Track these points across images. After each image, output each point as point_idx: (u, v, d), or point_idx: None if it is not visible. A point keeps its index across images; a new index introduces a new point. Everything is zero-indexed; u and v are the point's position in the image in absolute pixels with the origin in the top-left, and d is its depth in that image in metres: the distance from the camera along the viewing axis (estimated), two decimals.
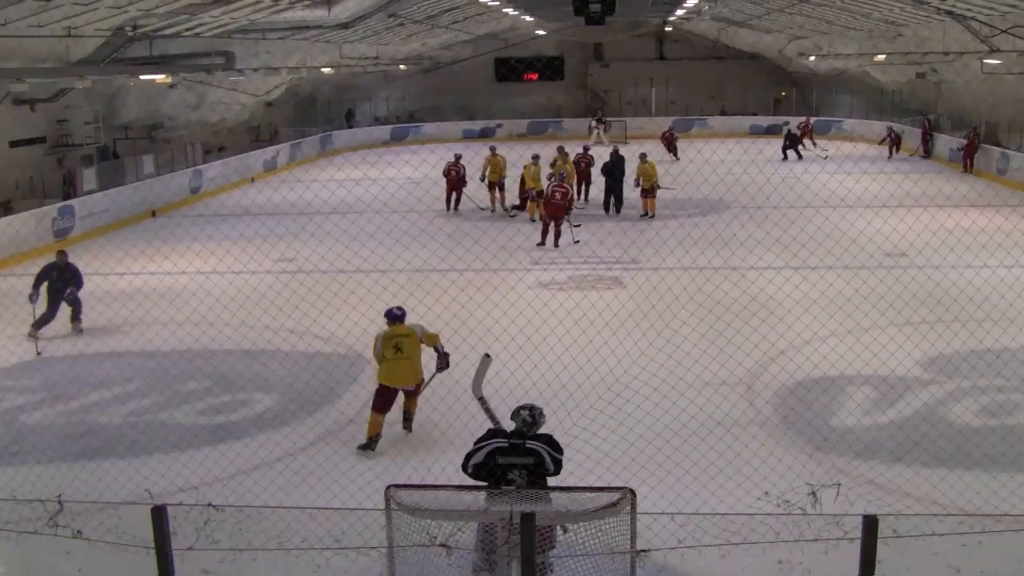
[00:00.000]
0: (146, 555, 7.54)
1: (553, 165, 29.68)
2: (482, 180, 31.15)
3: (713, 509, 9.84)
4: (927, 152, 43.37)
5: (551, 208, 25.34)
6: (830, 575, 9.04)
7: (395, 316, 13.23)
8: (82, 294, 19.27)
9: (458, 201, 31.34)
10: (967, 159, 38.35)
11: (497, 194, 31.21)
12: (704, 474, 11.10)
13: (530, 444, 8.53)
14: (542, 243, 25.49)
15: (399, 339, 12.97)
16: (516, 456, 8.47)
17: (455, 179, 31.26)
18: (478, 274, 21.58)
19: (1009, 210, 28.99)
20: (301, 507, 9.48)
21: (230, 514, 8.46)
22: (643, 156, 29.43)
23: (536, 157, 29.85)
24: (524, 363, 13.24)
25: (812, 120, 48.27)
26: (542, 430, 8.78)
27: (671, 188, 29.34)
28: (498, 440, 8.60)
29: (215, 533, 8.53)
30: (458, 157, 31.79)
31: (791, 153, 43.81)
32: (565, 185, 26.10)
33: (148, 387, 15.79)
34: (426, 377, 13.32)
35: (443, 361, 13.22)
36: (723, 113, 56.80)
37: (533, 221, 28.43)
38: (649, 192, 29.19)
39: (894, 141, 44.33)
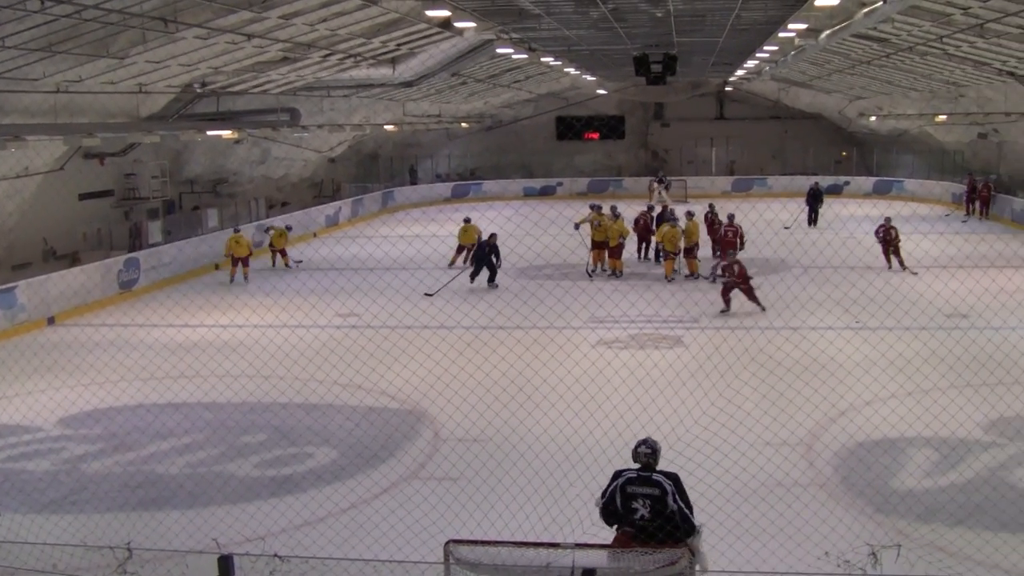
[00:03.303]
0: None
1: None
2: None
3: (773, 569, 9.84)
4: (969, 211, 42.83)
5: (724, 244, 28.60)
6: None
7: (595, 206, 28.81)
8: (148, 342, 19.53)
9: (647, 249, 32.23)
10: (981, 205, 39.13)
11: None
12: (764, 534, 11.08)
13: (656, 476, 8.86)
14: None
15: (599, 220, 27.83)
16: (641, 486, 8.81)
17: (642, 228, 32.23)
18: (543, 332, 21.64)
19: None
20: (365, 559, 9.57)
21: (295, 565, 8.57)
22: (690, 214, 29.59)
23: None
24: (587, 421, 13.34)
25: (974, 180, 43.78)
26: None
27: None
28: (628, 472, 8.96)
29: None
30: (650, 208, 34.48)
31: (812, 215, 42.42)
32: (735, 225, 29.11)
33: (208, 439, 15.97)
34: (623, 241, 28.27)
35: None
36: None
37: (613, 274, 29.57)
38: (690, 252, 29.06)
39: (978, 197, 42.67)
